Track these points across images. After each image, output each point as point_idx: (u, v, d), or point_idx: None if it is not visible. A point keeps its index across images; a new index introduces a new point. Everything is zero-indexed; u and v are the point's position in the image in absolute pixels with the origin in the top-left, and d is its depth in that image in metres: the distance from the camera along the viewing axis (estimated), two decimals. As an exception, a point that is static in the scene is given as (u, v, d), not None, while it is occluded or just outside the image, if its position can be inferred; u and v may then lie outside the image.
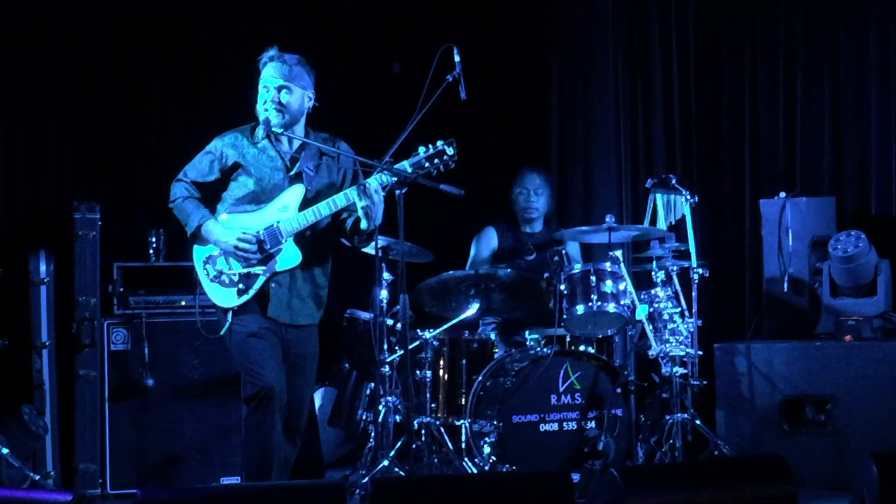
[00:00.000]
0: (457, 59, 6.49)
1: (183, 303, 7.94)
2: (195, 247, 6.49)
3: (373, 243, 6.48)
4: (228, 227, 6.36)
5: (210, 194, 6.49)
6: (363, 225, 6.30)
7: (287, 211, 6.35)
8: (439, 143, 6.31)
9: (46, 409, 7.76)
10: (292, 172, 6.42)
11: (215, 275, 6.41)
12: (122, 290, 7.91)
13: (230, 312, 6.36)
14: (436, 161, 6.29)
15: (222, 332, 6.38)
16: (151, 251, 8.11)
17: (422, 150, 6.31)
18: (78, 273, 7.79)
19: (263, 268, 6.33)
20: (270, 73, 6.39)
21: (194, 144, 6.55)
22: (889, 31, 8.59)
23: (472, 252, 8.68)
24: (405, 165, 6.29)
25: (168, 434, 7.85)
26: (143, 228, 8.16)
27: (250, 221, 6.36)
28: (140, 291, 7.95)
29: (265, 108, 6.36)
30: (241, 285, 6.35)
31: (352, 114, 8.18)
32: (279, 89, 6.36)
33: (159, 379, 7.82)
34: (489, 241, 8.65)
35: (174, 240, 7.92)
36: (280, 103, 6.35)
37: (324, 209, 6.31)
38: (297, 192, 6.37)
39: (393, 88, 9.12)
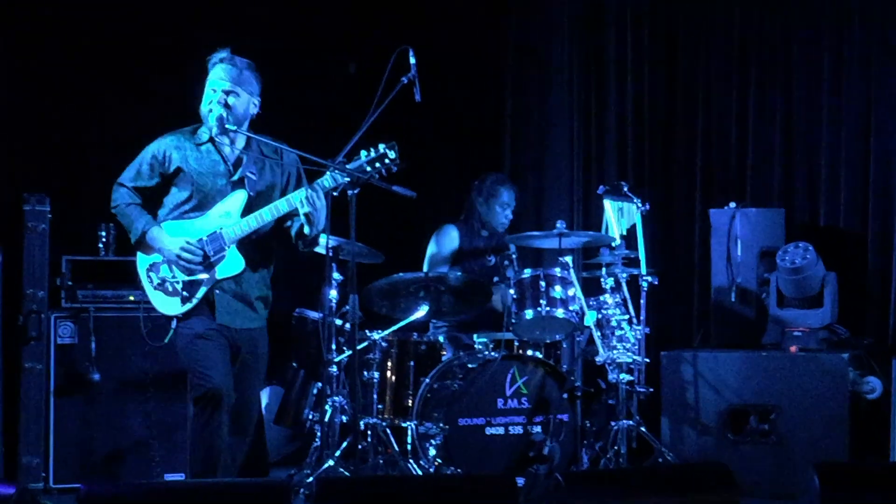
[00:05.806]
0: (412, 61, 6.49)
1: (131, 297, 7.89)
2: (139, 254, 6.43)
3: (322, 244, 6.48)
4: (172, 234, 6.30)
5: (150, 197, 6.43)
6: (306, 230, 6.28)
7: (229, 217, 6.30)
8: (381, 146, 6.27)
9: (-9, 401, 7.72)
10: (235, 178, 6.36)
11: (159, 282, 6.35)
12: (70, 283, 7.86)
13: (175, 320, 6.32)
14: (377, 165, 6.25)
15: (165, 341, 6.35)
16: (101, 245, 8.06)
17: (363, 153, 6.27)
18: (26, 265, 7.72)
19: (206, 276, 6.28)
20: (219, 75, 6.33)
21: (146, 138, 6.49)
22: (841, 45, 8.65)
23: (432, 249, 8.53)
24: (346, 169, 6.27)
25: (113, 429, 7.82)
26: (93, 222, 8.09)
27: (193, 228, 6.32)
28: (88, 285, 7.91)
29: (210, 108, 6.30)
30: (184, 293, 6.30)
31: (307, 113, 8.16)
32: (227, 93, 6.30)
33: (105, 374, 7.79)
34: (451, 240, 8.51)
35: (124, 234, 7.80)
36: (226, 105, 6.29)
37: (266, 215, 6.27)
38: (239, 198, 6.33)
39: (349, 89, 9.11)
